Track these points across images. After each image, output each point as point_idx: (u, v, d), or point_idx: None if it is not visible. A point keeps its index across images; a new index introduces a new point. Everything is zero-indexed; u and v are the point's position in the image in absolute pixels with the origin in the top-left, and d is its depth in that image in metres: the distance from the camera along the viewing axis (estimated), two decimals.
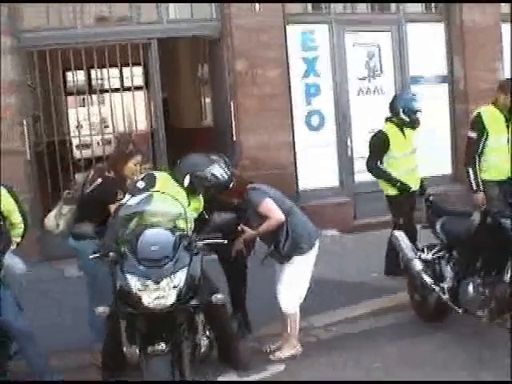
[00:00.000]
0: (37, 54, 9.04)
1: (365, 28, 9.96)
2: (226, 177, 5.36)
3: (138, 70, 12.48)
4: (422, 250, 6.23)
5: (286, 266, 5.65)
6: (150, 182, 5.15)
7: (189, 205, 5.27)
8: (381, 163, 7.21)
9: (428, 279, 5.95)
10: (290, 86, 9.61)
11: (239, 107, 9.44)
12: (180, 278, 4.53)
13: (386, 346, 5.78)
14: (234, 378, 5.44)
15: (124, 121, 10.00)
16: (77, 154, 12.42)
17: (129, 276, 4.50)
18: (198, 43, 11.84)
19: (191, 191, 5.29)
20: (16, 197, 5.50)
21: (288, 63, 9.57)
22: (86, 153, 10.45)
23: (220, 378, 5.37)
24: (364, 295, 6.86)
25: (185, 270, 4.57)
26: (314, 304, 6.22)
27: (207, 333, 5.20)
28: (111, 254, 4.68)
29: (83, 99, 13.44)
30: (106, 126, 13.35)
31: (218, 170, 5.31)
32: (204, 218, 5.37)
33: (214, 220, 5.05)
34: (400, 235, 6.47)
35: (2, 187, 5.37)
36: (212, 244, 4.98)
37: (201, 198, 5.50)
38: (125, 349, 4.70)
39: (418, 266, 6.07)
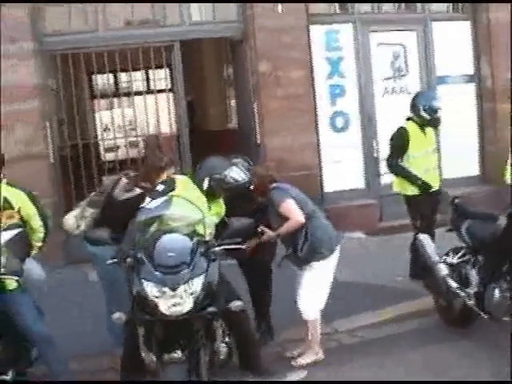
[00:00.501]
0: (60, 58, 9.06)
1: (390, 27, 9.84)
2: (245, 179, 5.34)
3: (163, 73, 12.45)
4: (447, 254, 6.10)
5: (306, 272, 5.57)
6: (170, 185, 5.13)
7: (209, 209, 5.23)
8: (401, 161, 7.11)
9: (453, 284, 5.83)
10: (313, 87, 9.52)
11: (263, 109, 9.37)
12: (197, 284, 4.47)
13: (410, 352, 5.68)
14: None
15: (148, 123, 9.96)
16: (102, 156, 12.45)
17: (145, 282, 4.46)
18: (222, 45, 11.82)
19: (211, 195, 5.26)
20: (36, 201, 5.46)
21: (312, 64, 9.48)
22: (110, 156, 10.41)
23: None
24: (388, 299, 6.75)
25: (202, 277, 4.51)
26: (337, 308, 6.14)
27: (226, 339, 5.15)
28: (128, 259, 4.65)
29: (109, 102, 13.44)
30: (133, 129, 13.40)
31: (236, 173, 5.30)
32: (226, 222, 5.31)
33: (232, 225, 5.00)
34: (424, 238, 6.36)
35: (21, 192, 5.34)
36: (231, 249, 4.93)
37: (222, 202, 5.44)
38: (143, 355, 4.66)
39: (443, 270, 5.95)
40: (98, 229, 5.35)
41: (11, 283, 4.83)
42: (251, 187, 5.58)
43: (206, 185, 5.20)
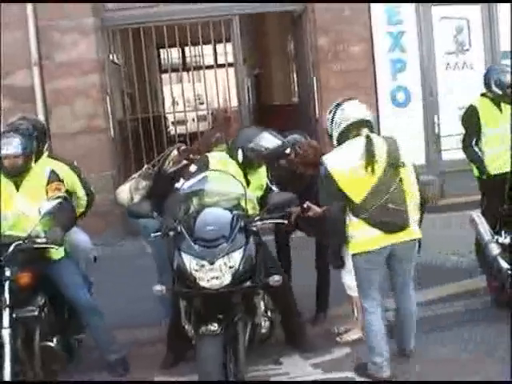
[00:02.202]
0: (121, 33, 9.18)
1: (453, 1, 9.53)
2: (278, 143, 5.24)
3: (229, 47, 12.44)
4: (500, 234, 5.95)
5: None
6: (203, 164, 5.11)
7: (249, 183, 5.20)
8: (476, 143, 6.82)
9: (504, 264, 5.68)
10: (374, 62, 9.38)
11: (322, 83, 9.29)
12: (236, 258, 4.50)
13: (456, 331, 5.63)
14: (296, 359, 5.40)
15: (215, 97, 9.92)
16: (170, 130, 12.60)
17: (185, 256, 4.51)
18: (285, 19, 11.75)
19: (249, 167, 5.22)
20: (77, 171, 5.60)
21: (372, 38, 9.33)
22: (179, 129, 10.49)
23: (282, 360, 5.32)
24: (440, 278, 6.66)
25: (241, 251, 4.54)
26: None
27: (269, 313, 5.18)
28: (171, 233, 4.70)
29: (177, 76, 13.54)
30: (201, 103, 13.50)
31: (267, 140, 5.19)
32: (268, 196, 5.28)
33: (273, 199, 4.96)
34: (478, 217, 6.19)
35: (63, 163, 5.47)
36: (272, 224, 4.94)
37: (264, 174, 5.42)
38: (185, 327, 4.73)
39: (494, 249, 5.80)
40: (140, 202, 5.42)
41: (56, 252, 4.95)
42: (293, 155, 5.53)
43: (240, 157, 5.15)
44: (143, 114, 9.77)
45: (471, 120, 6.83)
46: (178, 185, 5.02)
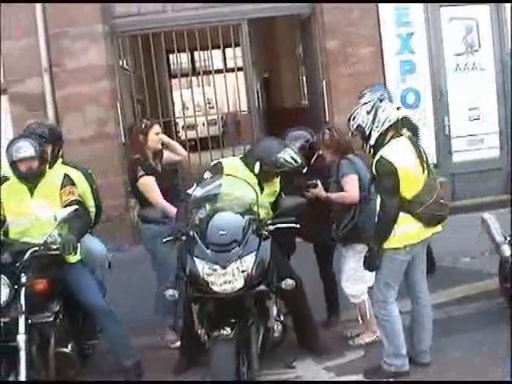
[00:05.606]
0: (131, 39, 9.21)
1: (462, 2, 9.52)
2: (298, 162, 5.22)
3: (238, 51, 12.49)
4: None
5: (349, 253, 5.52)
6: (217, 170, 5.12)
7: (262, 190, 5.20)
8: None
9: None
10: (383, 64, 9.36)
11: (331, 86, 9.28)
12: (248, 262, 4.52)
13: (469, 334, 5.60)
14: (309, 363, 5.40)
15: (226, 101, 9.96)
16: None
17: (197, 260, 4.54)
18: (294, 22, 11.76)
19: (264, 178, 5.21)
20: (91, 180, 5.63)
21: (381, 40, 9.30)
22: (190, 134, 10.54)
23: (295, 363, 5.33)
24: (452, 281, 6.66)
25: (253, 255, 4.56)
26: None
27: (281, 317, 5.19)
28: (183, 238, 4.73)
29: (187, 81, 13.59)
30: (211, 107, 13.52)
31: (288, 156, 5.15)
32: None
33: (285, 203, 4.97)
34: (489, 218, 6.20)
35: (77, 170, 5.51)
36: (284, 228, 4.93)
37: (277, 180, 5.42)
38: (199, 331, 4.75)
39: (506, 251, 5.81)
40: (149, 208, 5.46)
41: (70, 257, 4.96)
42: (321, 138, 5.65)
43: (257, 168, 5.13)
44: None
45: None
46: (190, 190, 5.05)
